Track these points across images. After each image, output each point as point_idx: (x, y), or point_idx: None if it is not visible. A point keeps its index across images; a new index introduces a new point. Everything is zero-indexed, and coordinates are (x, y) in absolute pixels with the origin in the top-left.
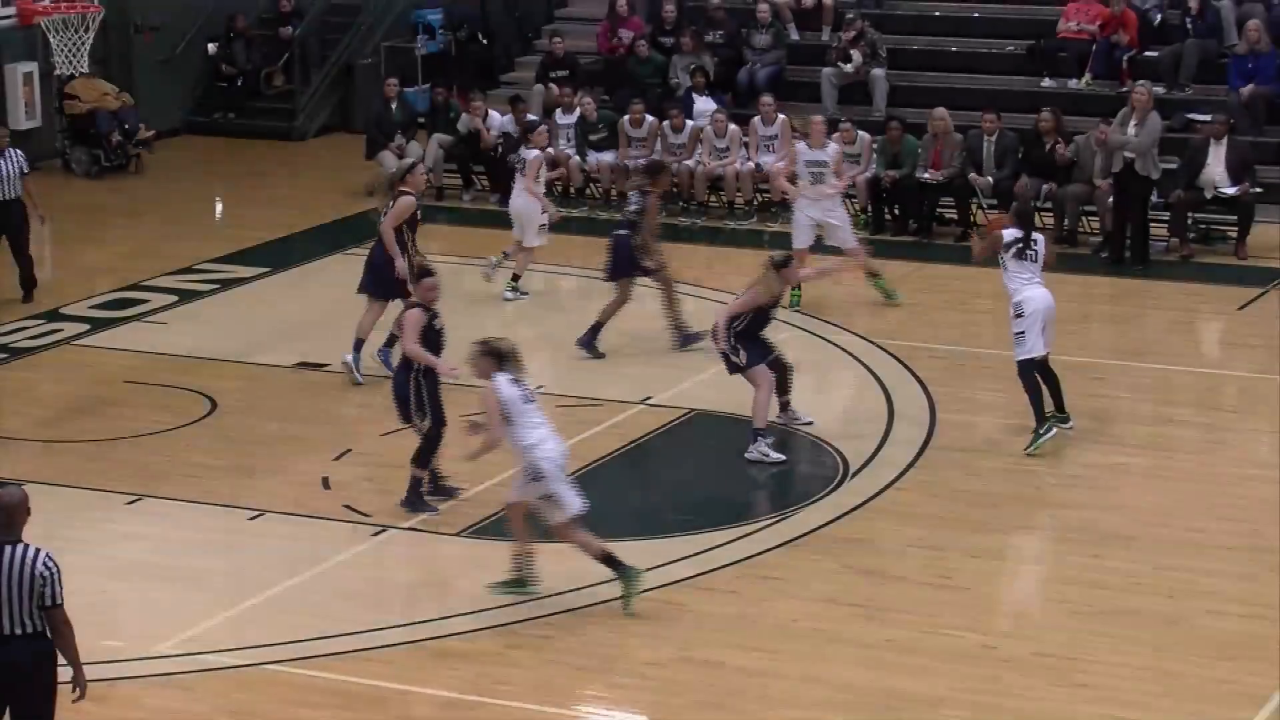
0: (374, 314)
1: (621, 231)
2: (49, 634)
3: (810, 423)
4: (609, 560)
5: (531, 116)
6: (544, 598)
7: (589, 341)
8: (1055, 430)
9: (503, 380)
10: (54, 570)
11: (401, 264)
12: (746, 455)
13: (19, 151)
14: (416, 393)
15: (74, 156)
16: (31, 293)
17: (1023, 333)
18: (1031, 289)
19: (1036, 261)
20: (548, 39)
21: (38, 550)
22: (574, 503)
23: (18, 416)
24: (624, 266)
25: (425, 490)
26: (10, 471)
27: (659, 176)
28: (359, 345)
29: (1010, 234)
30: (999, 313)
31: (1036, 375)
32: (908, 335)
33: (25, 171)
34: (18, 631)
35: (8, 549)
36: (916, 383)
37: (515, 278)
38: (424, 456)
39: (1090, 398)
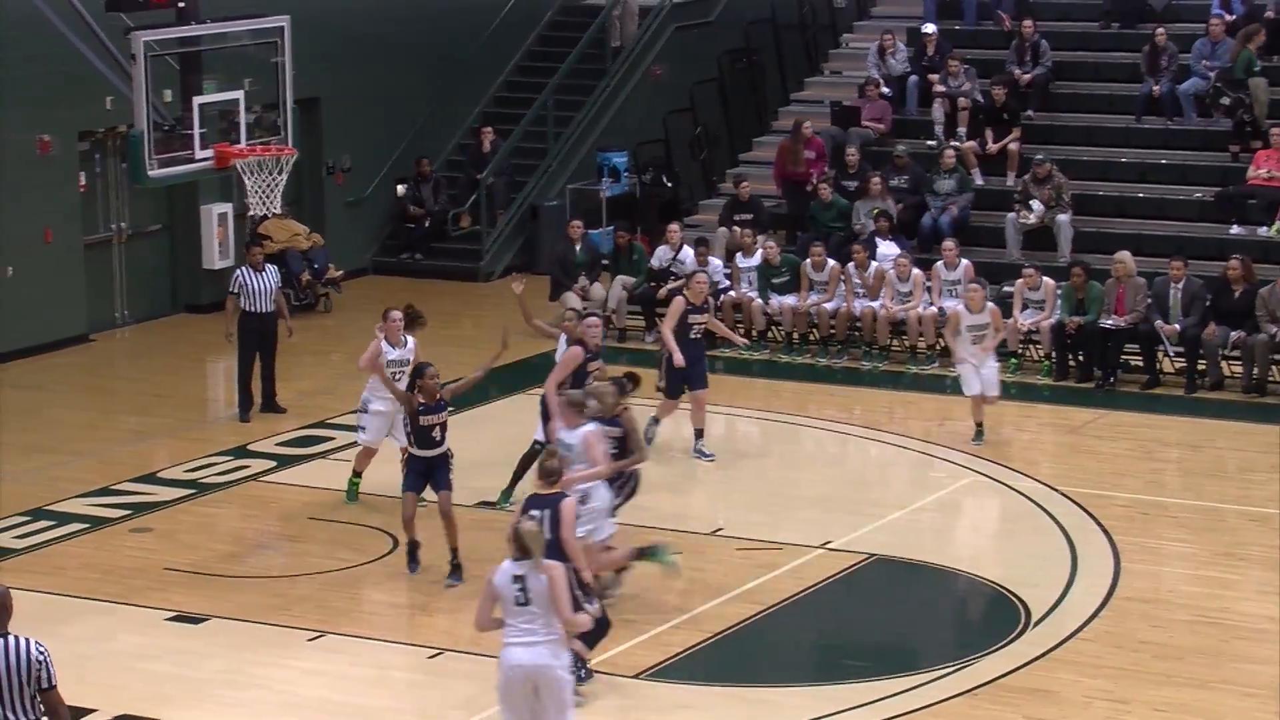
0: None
1: None
2: (47, 718)
3: None
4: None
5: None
6: None
7: None
8: None
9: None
10: (46, 654)
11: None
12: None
13: (274, 268)
14: None
15: None
16: (272, 401)
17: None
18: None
19: None
20: (732, 182)
21: (27, 639)
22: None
23: (202, 551)
24: None
25: None
26: (195, 606)
27: None
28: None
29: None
30: (1185, 461)
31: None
32: (1091, 483)
33: (279, 286)
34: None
35: (0, 641)
36: (1100, 531)
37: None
38: None
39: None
